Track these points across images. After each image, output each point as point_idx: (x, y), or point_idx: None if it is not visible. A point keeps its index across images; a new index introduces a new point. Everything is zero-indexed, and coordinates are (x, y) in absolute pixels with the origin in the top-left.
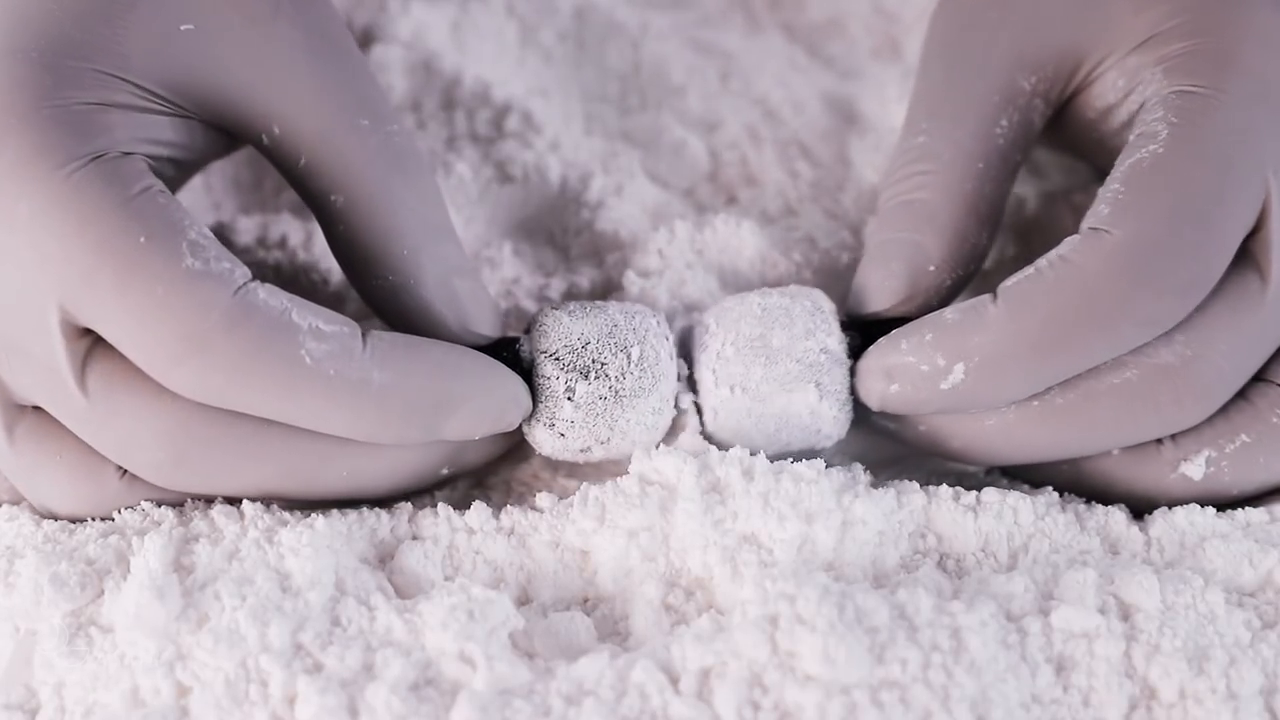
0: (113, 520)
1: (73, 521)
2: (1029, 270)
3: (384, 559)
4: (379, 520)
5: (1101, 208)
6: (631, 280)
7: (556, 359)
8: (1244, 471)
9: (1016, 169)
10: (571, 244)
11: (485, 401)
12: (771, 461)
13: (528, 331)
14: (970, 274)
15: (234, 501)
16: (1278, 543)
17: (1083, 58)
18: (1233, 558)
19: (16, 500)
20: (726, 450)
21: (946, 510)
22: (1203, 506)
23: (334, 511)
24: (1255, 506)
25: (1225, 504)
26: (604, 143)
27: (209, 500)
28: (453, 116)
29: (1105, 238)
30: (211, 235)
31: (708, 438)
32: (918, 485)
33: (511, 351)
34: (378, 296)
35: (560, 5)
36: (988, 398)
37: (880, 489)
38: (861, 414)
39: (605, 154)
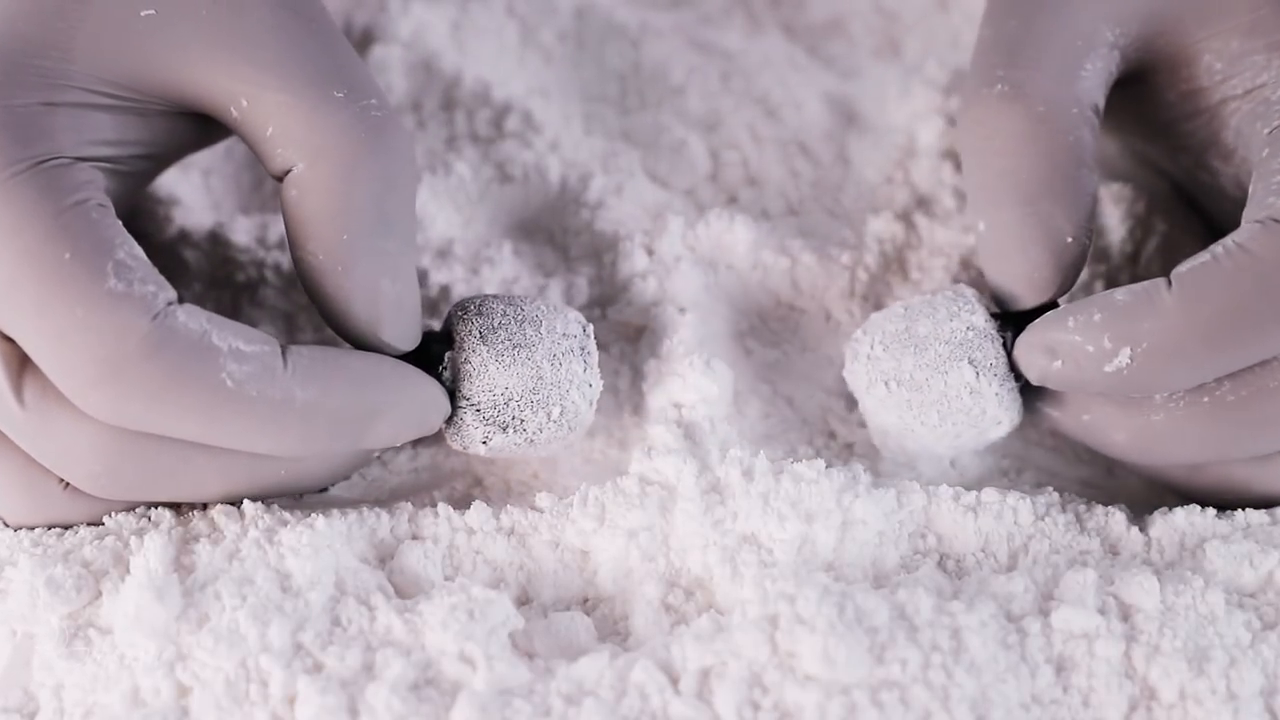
0: (104, 524)
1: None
2: (1204, 257)
3: (384, 559)
4: (379, 520)
5: (1271, 199)
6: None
7: (477, 410)
8: None
9: (1101, 113)
10: (571, 244)
11: (407, 410)
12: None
13: (449, 339)
14: (1095, 226)
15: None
16: (1278, 544)
17: (1174, 25)
18: (1233, 559)
19: None
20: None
21: (946, 510)
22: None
23: (334, 511)
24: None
25: None
26: (604, 143)
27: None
28: (453, 116)
29: None
30: (141, 254)
31: (876, 449)
32: (918, 485)
33: (433, 355)
34: (305, 268)
35: (560, 5)
36: (1152, 385)
37: (880, 489)
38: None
39: (605, 154)
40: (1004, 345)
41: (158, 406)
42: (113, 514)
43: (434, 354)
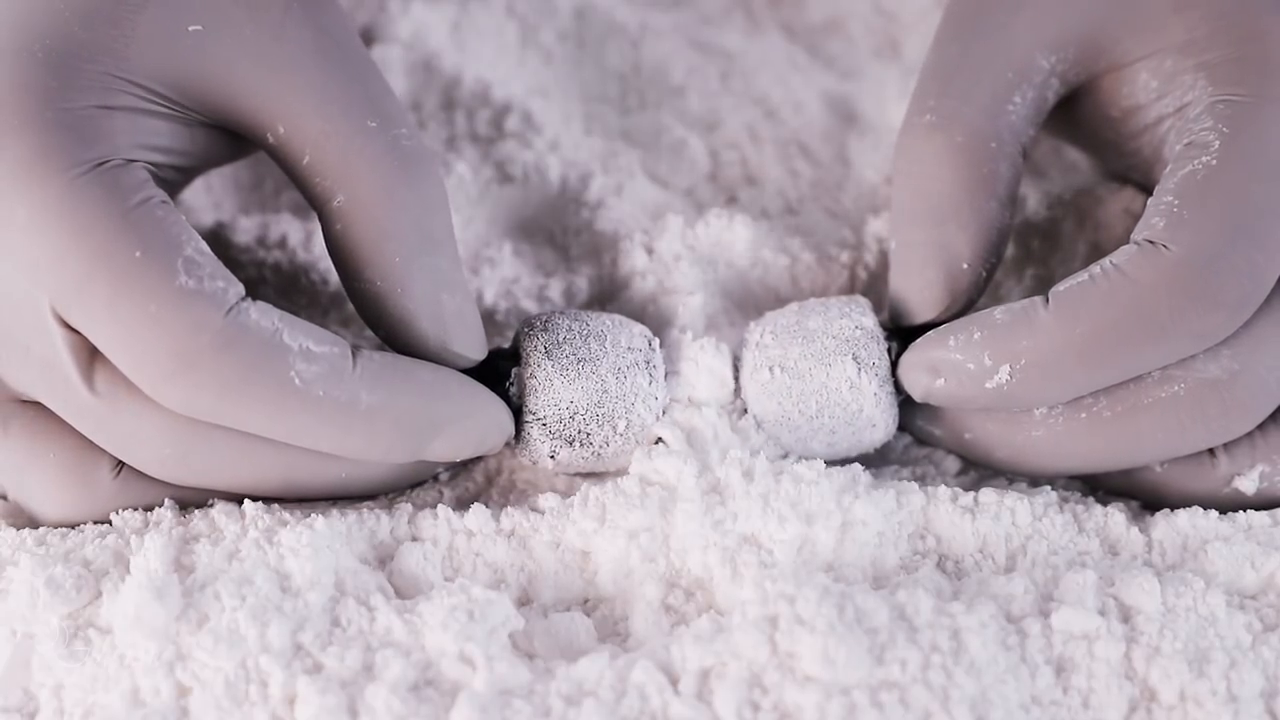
0: (110, 523)
1: (57, 527)
2: (1082, 276)
3: (384, 560)
4: (379, 521)
5: (1155, 220)
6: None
7: (543, 424)
8: None
9: (1030, 144)
10: (571, 244)
11: (470, 425)
12: (826, 463)
13: (516, 357)
14: (1000, 259)
15: (235, 500)
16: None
17: (1111, 46)
18: (1234, 560)
19: None
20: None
21: (945, 511)
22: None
23: (334, 512)
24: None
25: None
26: (604, 143)
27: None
28: (453, 116)
29: (1161, 252)
30: (208, 250)
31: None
32: (917, 486)
33: (500, 372)
34: (364, 300)
35: (560, 5)
36: (1031, 400)
37: (880, 490)
38: (904, 424)
39: (605, 154)
40: (889, 353)
41: (227, 400)
42: (119, 510)
43: (501, 370)
